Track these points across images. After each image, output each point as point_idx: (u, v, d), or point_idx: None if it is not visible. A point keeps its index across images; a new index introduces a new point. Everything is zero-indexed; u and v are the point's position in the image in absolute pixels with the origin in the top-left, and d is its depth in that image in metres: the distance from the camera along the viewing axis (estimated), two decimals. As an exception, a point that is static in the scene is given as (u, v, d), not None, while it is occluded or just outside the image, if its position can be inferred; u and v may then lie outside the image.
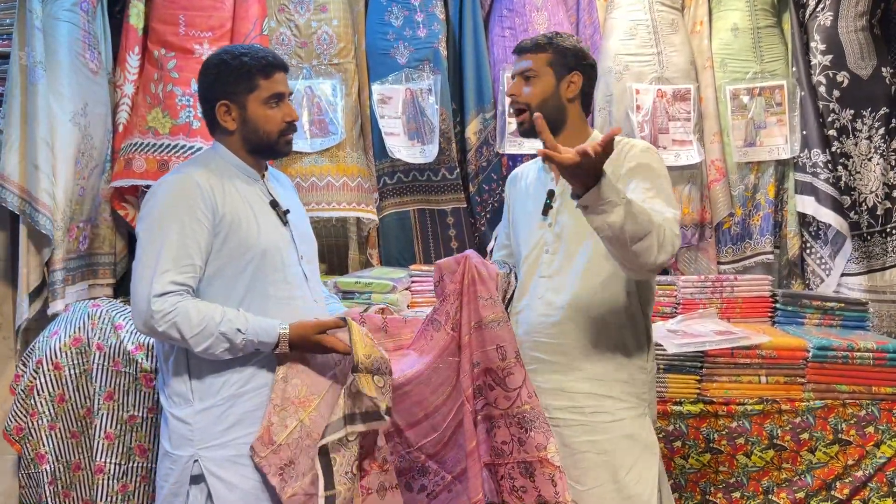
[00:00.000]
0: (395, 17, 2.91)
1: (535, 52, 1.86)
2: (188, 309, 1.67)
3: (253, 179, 1.85)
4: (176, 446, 1.77)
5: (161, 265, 1.68)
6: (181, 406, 1.76)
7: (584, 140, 1.87)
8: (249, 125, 1.81)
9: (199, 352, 1.69)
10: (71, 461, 2.36)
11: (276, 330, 1.72)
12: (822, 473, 2.39)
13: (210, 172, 1.79)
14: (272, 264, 1.80)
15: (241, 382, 1.76)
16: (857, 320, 2.69)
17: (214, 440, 1.74)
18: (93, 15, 2.58)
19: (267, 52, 1.85)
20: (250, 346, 1.72)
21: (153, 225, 1.72)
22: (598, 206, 1.50)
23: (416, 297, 2.72)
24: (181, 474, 1.75)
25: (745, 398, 2.40)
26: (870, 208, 2.91)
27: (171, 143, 2.62)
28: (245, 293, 1.77)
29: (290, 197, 1.98)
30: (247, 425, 1.75)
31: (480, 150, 2.92)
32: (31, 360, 2.37)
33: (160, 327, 1.66)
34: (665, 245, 1.57)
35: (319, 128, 2.82)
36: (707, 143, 2.98)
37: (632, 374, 1.85)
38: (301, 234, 1.92)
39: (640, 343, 1.86)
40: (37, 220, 2.33)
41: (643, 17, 2.93)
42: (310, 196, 2.79)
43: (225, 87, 1.79)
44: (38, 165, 2.33)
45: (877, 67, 2.88)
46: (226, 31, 2.73)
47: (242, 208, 1.78)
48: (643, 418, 1.86)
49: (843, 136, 2.90)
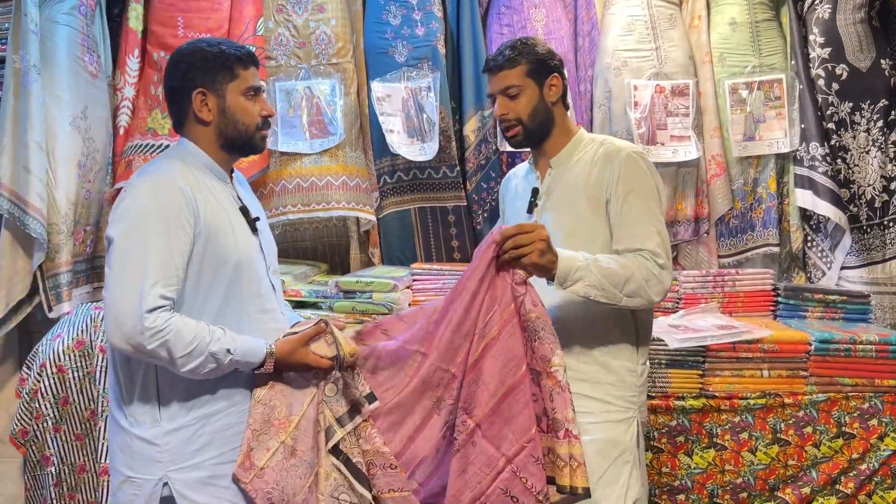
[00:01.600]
0: (393, 16, 2.91)
1: (511, 66, 1.84)
2: (180, 327, 1.54)
3: (223, 181, 1.74)
4: (140, 470, 1.63)
5: (149, 276, 1.53)
6: (147, 426, 1.63)
7: (571, 139, 1.90)
8: (228, 116, 1.71)
9: (182, 372, 1.57)
10: (76, 463, 2.37)
11: (262, 350, 1.64)
12: (827, 468, 2.38)
13: (188, 173, 1.66)
14: (247, 276, 1.69)
15: (211, 401, 1.66)
16: (859, 313, 2.69)
17: (185, 461, 1.63)
18: (91, 18, 2.58)
19: (242, 46, 1.78)
20: (233, 366, 1.62)
21: (133, 230, 1.57)
22: (572, 277, 1.64)
23: (417, 295, 2.73)
24: (149, 499, 1.62)
25: (748, 392, 2.40)
26: (868, 201, 2.90)
27: (170, 144, 2.60)
28: (221, 306, 1.66)
29: (253, 201, 1.86)
30: (218, 445, 1.66)
31: (479, 148, 2.92)
32: (34, 363, 2.37)
33: (150, 345, 1.52)
34: (651, 281, 1.68)
35: (319, 128, 2.83)
36: (707, 137, 2.98)
37: (620, 377, 1.82)
38: (267, 242, 1.82)
39: (630, 345, 1.84)
40: (27, 224, 2.30)
41: (641, 13, 2.93)
42: (310, 196, 2.79)
43: (203, 74, 1.69)
44: (29, 169, 2.31)
45: (876, 60, 2.87)
46: (223, 32, 2.73)
47: (220, 215, 1.67)
48: (628, 423, 1.82)
49: (842, 129, 2.90)
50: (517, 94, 1.84)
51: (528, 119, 1.85)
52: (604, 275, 1.65)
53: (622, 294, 1.67)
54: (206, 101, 1.70)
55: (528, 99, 1.84)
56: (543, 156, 1.92)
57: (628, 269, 1.67)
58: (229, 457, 1.66)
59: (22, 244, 2.38)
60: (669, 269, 1.73)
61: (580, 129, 1.94)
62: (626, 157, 1.79)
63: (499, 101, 1.87)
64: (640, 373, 1.85)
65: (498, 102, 1.88)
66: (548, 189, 1.89)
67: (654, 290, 1.69)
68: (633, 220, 1.75)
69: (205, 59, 1.70)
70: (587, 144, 1.89)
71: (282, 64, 2.84)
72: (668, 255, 1.74)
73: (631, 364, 1.83)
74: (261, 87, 1.77)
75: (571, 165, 1.87)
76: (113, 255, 1.58)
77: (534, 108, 1.85)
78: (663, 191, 1.85)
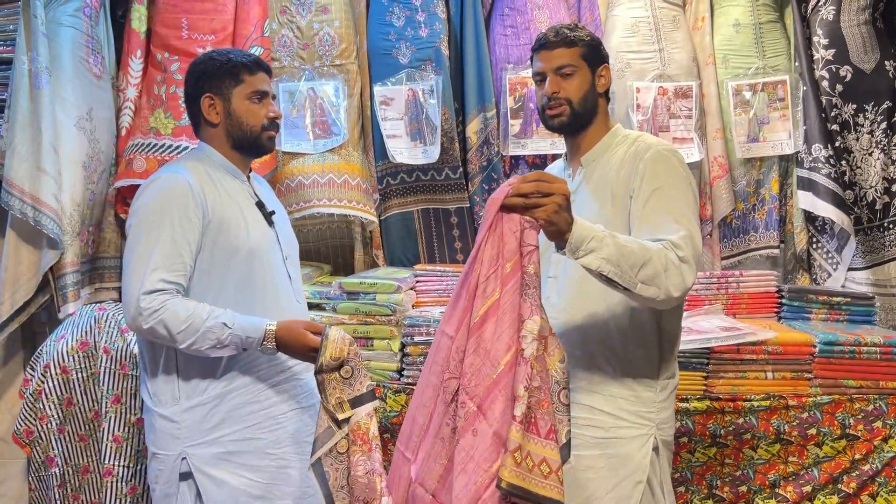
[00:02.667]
0: (396, 18, 2.91)
1: (567, 46, 1.77)
2: (176, 306, 1.69)
3: (239, 180, 1.90)
4: (162, 446, 1.80)
5: (151, 263, 1.70)
6: (167, 405, 1.79)
7: (607, 133, 1.83)
8: (233, 118, 1.87)
9: (185, 348, 1.71)
10: (79, 464, 2.38)
11: (262, 325, 1.74)
12: (829, 467, 2.38)
13: (200, 171, 1.83)
14: (259, 265, 1.84)
15: (226, 381, 1.80)
16: (863, 315, 2.68)
17: (201, 438, 1.78)
18: (95, 20, 2.59)
19: (252, 54, 1.95)
20: (237, 342, 1.73)
21: (143, 223, 1.75)
22: (586, 246, 1.46)
23: (421, 296, 2.73)
24: (170, 473, 1.78)
25: (752, 394, 2.40)
26: (869, 203, 2.90)
27: (173, 144, 2.61)
28: (233, 293, 1.80)
29: (272, 199, 2.02)
30: (233, 423, 1.80)
31: (481, 150, 2.92)
32: (38, 363, 2.38)
33: (146, 324, 1.68)
34: (670, 271, 1.51)
35: (322, 129, 2.83)
36: (709, 139, 2.98)
37: (637, 393, 1.71)
38: (285, 235, 1.97)
39: (649, 358, 1.72)
40: (42, 224, 2.33)
41: (644, 14, 2.92)
42: (311, 192, 2.79)
43: (211, 80, 1.86)
44: (44, 169, 2.34)
45: (880, 61, 2.87)
46: (228, 33, 2.74)
47: (231, 208, 1.83)
48: (642, 440, 1.71)
49: (845, 130, 2.90)
50: (572, 73, 1.78)
51: (579, 102, 1.78)
52: (620, 251, 1.47)
53: (637, 279, 1.49)
54: (214, 105, 1.87)
55: (580, 81, 1.78)
56: (577, 151, 1.85)
57: (648, 251, 1.51)
58: (243, 434, 1.80)
59: (27, 246, 2.39)
60: (692, 265, 1.56)
61: (616, 125, 1.87)
62: (653, 154, 1.71)
63: (550, 79, 1.79)
64: (660, 388, 1.73)
65: (549, 80, 1.79)
66: (576, 189, 1.80)
67: (672, 283, 1.52)
68: (655, 215, 1.63)
69: (213, 67, 1.87)
70: (621, 142, 1.81)
71: (285, 65, 2.84)
72: (695, 253, 1.59)
73: (650, 378, 1.72)
74: (267, 91, 1.91)
75: (602, 164, 1.80)
76: (127, 248, 1.77)
77: (585, 92, 1.79)
78: (693, 190, 1.73)
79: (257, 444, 1.83)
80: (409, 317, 2.51)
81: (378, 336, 2.50)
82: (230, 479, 1.78)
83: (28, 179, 2.33)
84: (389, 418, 2.43)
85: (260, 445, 1.83)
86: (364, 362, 2.45)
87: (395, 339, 2.49)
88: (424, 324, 2.48)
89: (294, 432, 1.88)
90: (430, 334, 2.45)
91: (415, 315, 2.52)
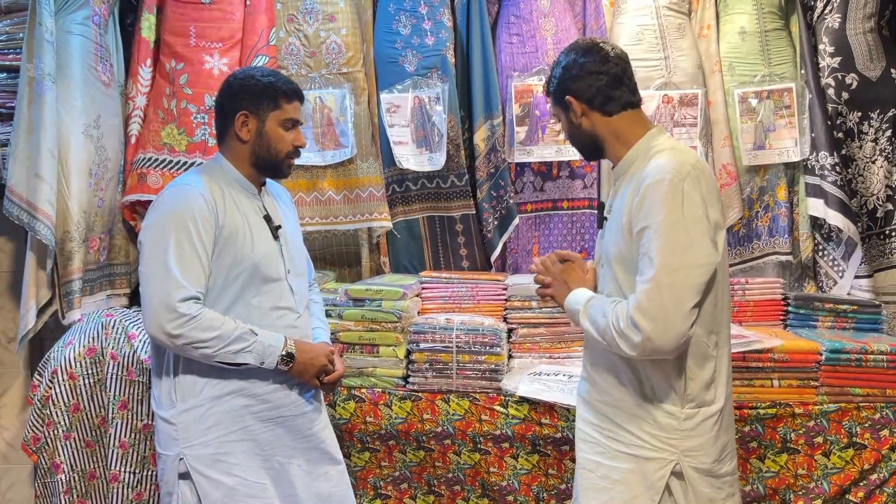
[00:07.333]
0: (402, 26, 2.93)
1: (548, 95, 1.87)
2: (210, 312, 1.79)
3: (251, 193, 1.95)
4: (165, 447, 1.88)
5: (180, 271, 1.77)
6: (167, 407, 1.87)
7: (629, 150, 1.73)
8: (263, 140, 1.91)
9: (210, 354, 1.78)
10: (86, 470, 2.38)
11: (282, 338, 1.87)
12: (838, 479, 2.36)
13: (213, 184, 1.89)
14: (261, 277, 1.90)
15: (221, 385, 1.86)
16: (870, 322, 2.67)
17: (197, 439, 1.85)
18: (105, 28, 2.61)
19: (294, 83, 1.98)
20: (260, 351, 1.83)
21: (163, 232, 1.80)
22: (573, 319, 1.75)
23: (426, 303, 2.73)
24: (171, 473, 1.86)
25: (758, 402, 2.39)
26: (869, 211, 2.89)
27: (187, 161, 2.67)
28: (231, 303, 1.87)
29: (286, 211, 2.07)
30: (226, 426, 1.86)
31: (488, 157, 2.93)
32: (46, 370, 2.39)
33: (179, 330, 1.75)
34: (618, 340, 1.60)
35: (330, 139, 2.84)
36: (717, 147, 2.97)
37: (655, 418, 1.67)
38: (292, 247, 2.02)
39: (669, 384, 1.66)
40: (36, 229, 2.33)
41: (650, 22, 2.93)
42: (314, 210, 2.84)
43: (250, 99, 1.90)
44: (40, 175, 2.33)
45: (886, 69, 2.87)
46: (235, 41, 2.76)
47: (240, 221, 1.89)
48: (660, 463, 1.66)
49: (849, 139, 2.89)
50: (558, 119, 1.87)
51: (572, 143, 1.87)
52: (590, 323, 1.68)
53: (606, 343, 1.65)
54: (247, 123, 1.91)
55: (564, 125, 1.85)
56: (612, 166, 1.83)
57: (605, 320, 1.63)
58: (237, 436, 1.86)
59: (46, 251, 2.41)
60: (643, 325, 1.54)
61: (642, 137, 1.73)
62: (645, 188, 1.61)
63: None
64: (684, 417, 1.66)
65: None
66: (609, 207, 1.79)
67: (623, 349, 1.60)
68: (640, 258, 1.60)
69: (255, 87, 1.91)
70: (643, 160, 1.70)
71: (292, 73, 2.86)
72: (658, 307, 1.54)
73: (673, 406, 1.66)
74: (299, 120, 1.97)
75: (625, 182, 1.73)
76: (146, 256, 1.81)
77: (570, 134, 1.84)
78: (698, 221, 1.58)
79: (252, 445, 1.89)
80: (414, 323, 2.52)
81: (384, 343, 2.50)
82: (225, 480, 1.84)
83: (25, 185, 2.34)
84: (395, 425, 2.43)
85: (254, 447, 1.89)
86: (370, 369, 2.48)
87: (400, 345, 2.50)
88: (430, 330, 2.48)
89: (288, 433, 1.93)
90: (436, 341, 2.45)
91: (420, 322, 2.53)
